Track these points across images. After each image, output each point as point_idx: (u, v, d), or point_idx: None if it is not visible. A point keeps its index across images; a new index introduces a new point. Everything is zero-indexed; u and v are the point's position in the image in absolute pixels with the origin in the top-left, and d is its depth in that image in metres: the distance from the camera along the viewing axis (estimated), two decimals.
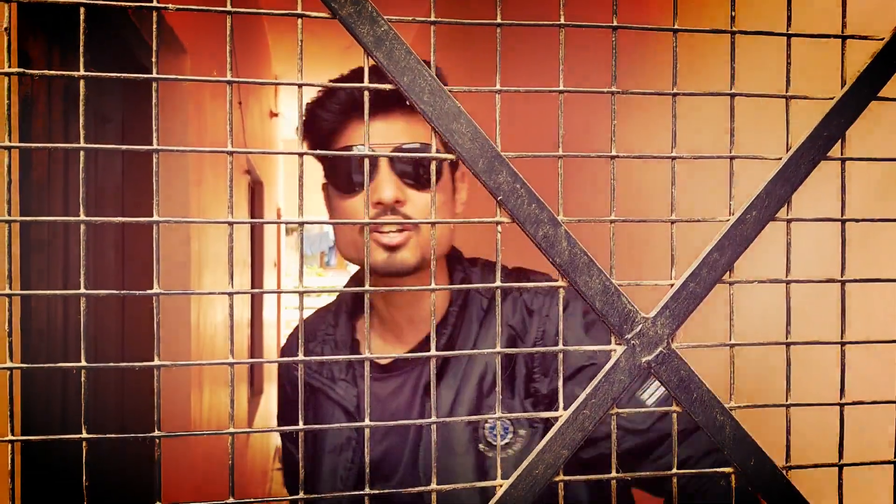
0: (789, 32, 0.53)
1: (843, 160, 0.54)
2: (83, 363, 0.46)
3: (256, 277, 5.12)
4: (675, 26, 0.52)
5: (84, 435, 0.46)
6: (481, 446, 0.99)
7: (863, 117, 0.54)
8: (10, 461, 0.45)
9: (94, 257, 1.71)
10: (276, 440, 6.55)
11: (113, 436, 0.45)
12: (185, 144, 2.25)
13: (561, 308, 0.53)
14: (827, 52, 0.56)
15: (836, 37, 0.53)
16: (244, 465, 4.11)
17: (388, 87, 0.49)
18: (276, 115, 6.16)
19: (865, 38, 0.53)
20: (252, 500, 0.46)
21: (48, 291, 0.46)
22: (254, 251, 5.09)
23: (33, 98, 1.32)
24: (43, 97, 1.37)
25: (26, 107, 1.30)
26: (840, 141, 0.54)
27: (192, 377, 2.36)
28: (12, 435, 0.45)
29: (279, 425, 1.25)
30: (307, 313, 1.24)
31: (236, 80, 0.48)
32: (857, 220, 0.54)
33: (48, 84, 1.38)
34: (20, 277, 1.25)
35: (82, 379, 0.46)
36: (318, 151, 0.62)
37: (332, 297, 1.19)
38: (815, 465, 0.54)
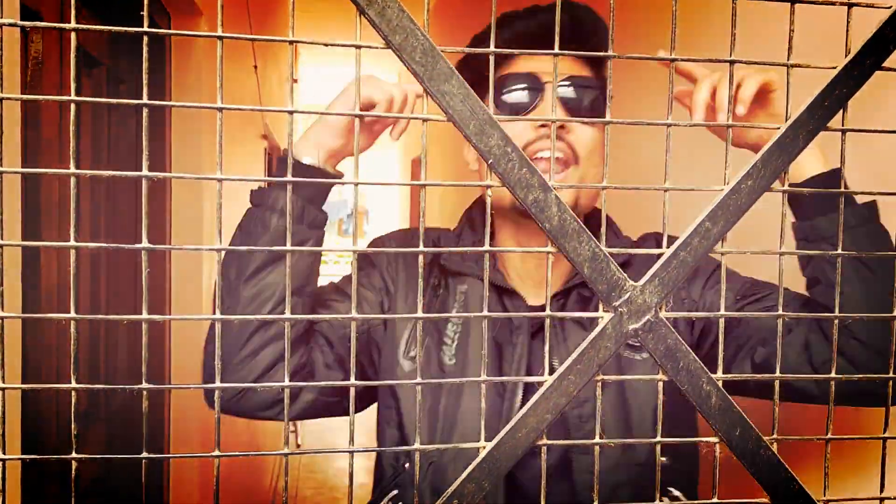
0: None
1: (844, 131, 0.53)
2: (73, 314, 0.47)
3: None
4: None
5: (73, 385, 0.47)
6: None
7: (877, 90, 0.53)
8: None
9: (108, 214, 1.73)
10: None
11: (99, 385, 0.45)
12: (198, 103, 2.25)
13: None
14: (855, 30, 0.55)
15: (840, 4, 0.52)
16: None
17: (379, 46, 0.49)
18: (295, 80, 6.15)
19: (871, 6, 0.52)
20: (236, 453, 0.47)
21: (38, 243, 0.47)
22: None
23: (44, 57, 1.33)
24: (55, 57, 1.37)
25: (36, 65, 1.30)
26: (841, 111, 0.53)
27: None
28: (2, 382, 0.46)
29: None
30: (328, 280, 1.09)
31: (226, 35, 0.48)
32: (855, 193, 0.54)
33: (60, 44, 1.38)
34: (28, 233, 1.26)
35: (71, 330, 0.47)
36: (310, 111, 0.61)
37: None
38: (801, 438, 0.53)
